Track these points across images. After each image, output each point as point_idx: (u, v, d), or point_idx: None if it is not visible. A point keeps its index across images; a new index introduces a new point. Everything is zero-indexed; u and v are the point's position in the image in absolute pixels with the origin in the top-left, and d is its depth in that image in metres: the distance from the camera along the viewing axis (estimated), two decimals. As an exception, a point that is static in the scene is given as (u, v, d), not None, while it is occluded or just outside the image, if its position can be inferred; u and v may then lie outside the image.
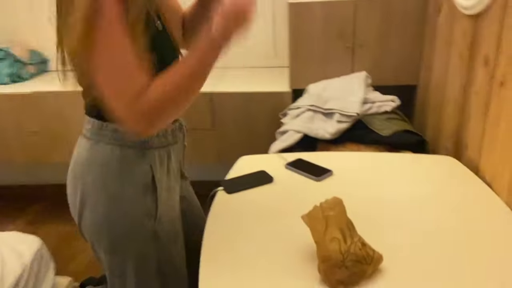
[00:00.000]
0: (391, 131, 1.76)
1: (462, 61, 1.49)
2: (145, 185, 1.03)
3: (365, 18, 2.00)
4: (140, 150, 1.02)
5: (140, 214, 1.03)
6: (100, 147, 1.00)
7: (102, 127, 1.00)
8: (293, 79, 2.13)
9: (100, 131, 1.00)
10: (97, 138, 1.00)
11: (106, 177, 1.00)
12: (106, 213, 1.01)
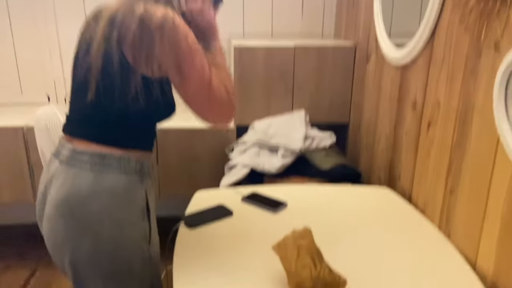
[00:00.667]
0: (330, 165, 1.93)
1: (392, 104, 1.71)
2: (142, 210, 1.09)
3: (303, 63, 2.19)
4: (139, 177, 1.09)
5: (140, 238, 1.07)
6: (106, 177, 1.04)
7: (105, 157, 1.04)
8: (238, 116, 2.23)
9: (104, 161, 1.04)
10: (101, 169, 1.04)
11: (113, 204, 1.03)
12: (112, 239, 1.03)
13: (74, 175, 1.03)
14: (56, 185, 1.05)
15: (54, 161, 1.11)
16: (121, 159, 1.06)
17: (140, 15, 0.97)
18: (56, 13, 2.41)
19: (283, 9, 2.56)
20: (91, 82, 1.01)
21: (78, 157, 1.04)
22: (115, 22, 0.99)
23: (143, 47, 0.97)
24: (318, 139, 2.07)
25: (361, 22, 2.09)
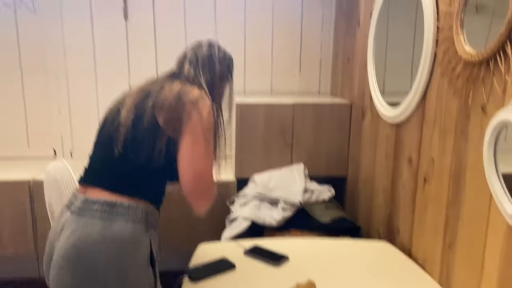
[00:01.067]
0: (330, 219, 1.97)
1: (388, 160, 1.79)
2: (147, 257, 1.13)
3: (301, 119, 2.29)
4: (144, 226, 1.15)
5: (145, 285, 1.12)
6: (116, 225, 1.11)
7: (114, 205, 1.12)
8: (238, 169, 2.29)
9: (113, 209, 1.12)
10: (110, 217, 1.11)
11: (121, 252, 1.09)
12: (117, 286, 1.07)
13: (84, 224, 1.09)
14: (66, 234, 1.10)
15: (66, 212, 1.17)
16: (129, 208, 1.13)
17: (179, 89, 1.20)
18: (68, 70, 2.54)
19: (282, 68, 2.71)
20: (120, 136, 1.15)
21: (89, 207, 1.11)
22: (150, 92, 1.19)
23: (175, 114, 1.15)
24: (317, 192, 2.12)
25: (356, 81, 2.22)
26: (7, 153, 2.58)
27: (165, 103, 1.16)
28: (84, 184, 1.20)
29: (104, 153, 1.20)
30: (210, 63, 1.38)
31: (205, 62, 1.37)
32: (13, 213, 2.16)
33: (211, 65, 1.38)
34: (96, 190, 1.15)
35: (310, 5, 2.64)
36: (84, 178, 1.22)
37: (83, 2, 2.47)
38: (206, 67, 1.36)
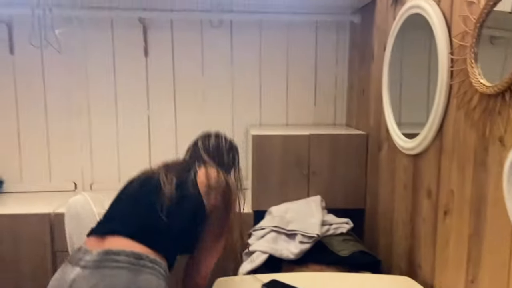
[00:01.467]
0: (349, 252, 1.93)
1: (407, 192, 1.77)
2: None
3: (317, 150, 2.30)
4: (165, 283, 1.20)
5: None
6: (142, 278, 1.14)
7: (141, 258, 1.17)
8: (255, 201, 2.29)
9: (140, 262, 1.16)
10: (138, 269, 1.15)
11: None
12: None
13: (108, 276, 1.09)
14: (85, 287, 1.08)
15: (72, 269, 1.15)
16: (155, 262, 1.17)
17: (218, 173, 1.42)
18: (90, 106, 2.62)
19: (297, 101, 2.74)
20: (164, 205, 1.27)
21: (111, 258, 1.12)
22: (190, 169, 1.41)
23: (217, 197, 1.39)
24: (335, 225, 2.10)
25: (372, 112, 2.23)
26: (29, 187, 2.65)
27: (209, 182, 1.38)
28: (100, 234, 1.22)
29: (137, 207, 1.30)
30: (218, 153, 1.57)
31: (214, 151, 1.56)
32: (33, 246, 2.19)
33: (219, 154, 1.56)
34: (119, 239, 1.18)
35: (324, 41, 2.70)
36: (101, 229, 1.25)
37: (106, 42, 2.58)
38: (215, 156, 1.54)
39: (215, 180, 1.38)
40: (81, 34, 2.55)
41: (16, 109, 2.59)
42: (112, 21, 2.56)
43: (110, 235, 1.20)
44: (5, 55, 2.53)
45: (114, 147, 2.67)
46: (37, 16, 2.39)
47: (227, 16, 2.55)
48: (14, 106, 2.59)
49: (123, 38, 2.58)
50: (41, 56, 2.55)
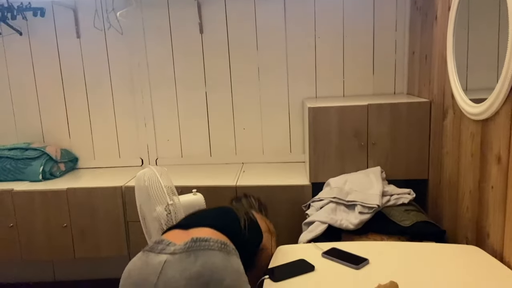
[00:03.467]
0: (411, 222, 1.89)
1: (474, 159, 1.68)
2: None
3: (376, 120, 2.24)
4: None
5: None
6: (232, 258, 1.30)
7: (227, 244, 1.33)
8: (313, 173, 2.29)
9: (227, 247, 1.31)
10: (228, 251, 1.29)
11: (239, 283, 1.26)
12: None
13: (204, 254, 1.21)
14: (178, 269, 1.18)
15: (157, 256, 1.24)
16: (236, 251, 1.31)
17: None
18: (151, 85, 2.74)
19: (354, 70, 2.67)
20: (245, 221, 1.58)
21: (202, 244, 1.25)
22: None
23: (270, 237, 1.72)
24: (396, 195, 2.06)
25: (435, 79, 2.12)
26: (101, 163, 2.85)
27: (268, 227, 1.75)
28: (184, 228, 1.38)
29: (223, 215, 1.56)
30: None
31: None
32: (108, 216, 2.37)
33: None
34: (204, 229, 1.34)
35: (381, 4, 2.59)
36: (184, 223, 1.41)
37: (163, 22, 2.66)
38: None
39: (271, 227, 1.74)
40: (140, 15, 2.64)
41: (86, 91, 2.77)
42: (168, 0, 2.63)
43: (194, 227, 1.35)
44: (72, 39, 2.70)
45: (175, 124, 2.78)
46: (99, 0, 2.52)
47: (280, -13, 2.52)
48: (83, 88, 2.77)
49: (179, 16, 2.65)
50: (104, 38, 2.69)
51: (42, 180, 2.51)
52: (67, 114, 2.80)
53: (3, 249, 2.41)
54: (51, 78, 2.76)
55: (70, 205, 2.36)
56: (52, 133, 2.82)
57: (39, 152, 2.56)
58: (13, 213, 2.36)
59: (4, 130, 2.82)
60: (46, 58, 2.73)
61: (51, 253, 2.41)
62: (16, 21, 2.53)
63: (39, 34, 2.70)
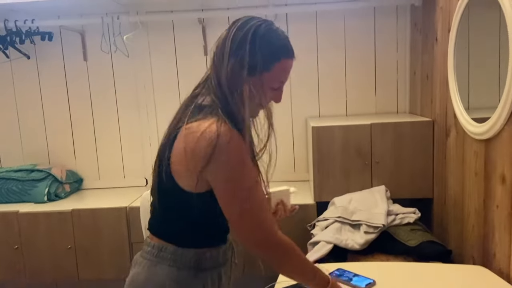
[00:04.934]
0: (417, 242, 1.88)
1: (478, 179, 1.69)
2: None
3: (380, 139, 2.25)
4: (194, 272, 1.09)
5: None
6: (159, 269, 1.07)
7: (161, 249, 1.09)
8: (317, 192, 2.30)
9: (160, 253, 1.09)
10: (156, 260, 1.09)
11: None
12: None
13: (136, 262, 1.12)
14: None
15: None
16: (175, 253, 1.07)
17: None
18: (156, 105, 2.77)
19: (357, 90, 2.70)
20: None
21: (145, 247, 1.12)
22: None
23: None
24: (402, 215, 2.05)
25: (437, 98, 2.14)
26: (106, 184, 2.86)
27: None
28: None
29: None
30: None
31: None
32: (112, 237, 2.37)
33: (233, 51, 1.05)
34: (152, 235, 1.16)
35: (383, 26, 2.63)
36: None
37: (168, 45, 2.71)
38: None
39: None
40: (146, 38, 2.70)
41: (92, 112, 2.81)
42: (173, 24, 2.69)
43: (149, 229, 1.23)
44: (79, 62, 2.75)
45: (179, 144, 2.80)
46: (106, 24, 2.57)
47: (282, 10, 2.57)
48: (89, 110, 2.80)
49: (184, 39, 2.70)
50: (111, 60, 2.74)
51: (47, 201, 2.53)
52: (73, 135, 2.83)
53: (8, 271, 2.41)
54: (58, 100, 2.80)
55: (75, 226, 2.37)
56: (58, 154, 2.85)
57: (45, 173, 2.58)
58: (18, 235, 2.37)
59: (11, 152, 2.84)
60: (53, 81, 2.78)
61: (55, 275, 2.41)
62: (24, 45, 2.59)
63: (46, 57, 2.75)
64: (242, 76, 1.03)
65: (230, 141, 0.99)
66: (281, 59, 1.06)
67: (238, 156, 1.01)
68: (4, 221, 2.37)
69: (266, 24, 1.05)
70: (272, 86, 1.09)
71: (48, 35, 2.62)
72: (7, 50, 2.61)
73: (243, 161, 1.02)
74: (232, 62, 1.03)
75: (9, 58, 2.65)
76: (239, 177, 1.02)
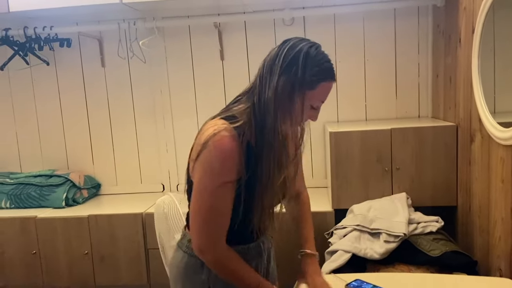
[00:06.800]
0: (440, 252, 1.80)
1: (505, 186, 1.60)
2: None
3: (401, 144, 2.18)
4: (200, 260, 1.18)
5: None
6: (178, 253, 1.25)
7: (183, 237, 1.26)
8: (335, 199, 2.24)
9: (182, 240, 1.26)
10: (178, 246, 1.27)
11: (176, 278, 1.24)
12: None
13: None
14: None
15: None
16: (190, 241, 1.20)
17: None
18: (172, 110, 2.77)
19: (376, 94, 2.63)
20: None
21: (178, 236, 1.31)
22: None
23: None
24: (424, 223, 1.97)
25: (461, 102, 2.06)
26: (123, 190, 2.87)
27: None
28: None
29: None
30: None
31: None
32: (128, 243, 2.36)
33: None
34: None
35: (403, 28, 2.56)
36: None
37: (184, 50, 2.70)
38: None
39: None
40: (162, 44, 2.70)
41: (109, 118, 2.82)
42: (190, 28, 2.68)
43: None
44: (97, 68, 2.77)
45: (196, 149, 2.78)
46: (123, 30, 2.59)
47: (299, 13, 2.53)
48: (107, 116, 2.82)
49: (200, 44, 2.69)
50: (128, 66, 2.75)
51: (65, 206, 2.54)
52: (91, 140, 2.85)
53: (26, 276, 2.43)
54: (76, 106, 2.82)
55: (91, 232, 2.37)
56: (76, 159, 2.87)
57: (63, 179, 2.60)
58: (36, 240, 2.39)
59: (30, 157, 2.88)
60: (71, 87, 2.80)
61: (72, 280, 2.41)
62: (43, 52, 2.62)
63: (65, 63, 2.78)
64: (289, 91, 1.09)
65: (217, 147, 1.07)
66: (326, 80, 1.13)
67: (212, 165, 1.08)
68: (23, 226, 2.39)
69: (316, 46, 1.14)
70: (312, 105, 1.15)
71: (67, 41, 2.65)
72: (27, 57, 2.65)
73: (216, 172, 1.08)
74: (282, 78, 1.09)
75: (29, 64, 2.69)
76: (206, 182, 1.09)
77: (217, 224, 1.11)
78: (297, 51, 1.10)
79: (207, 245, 1.12)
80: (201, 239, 1.11)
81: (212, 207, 1.10)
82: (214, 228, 1.11)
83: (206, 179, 1.09)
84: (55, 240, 2.38)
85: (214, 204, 1.09)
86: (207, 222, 1.10)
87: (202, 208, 1.10)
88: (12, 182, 2.60)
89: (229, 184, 1.09)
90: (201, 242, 1.12)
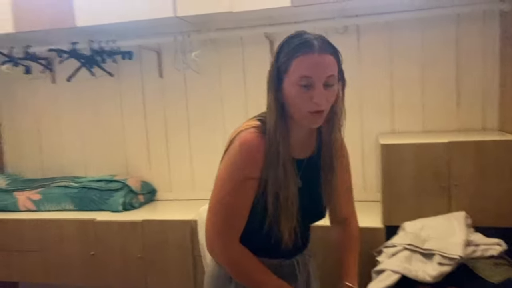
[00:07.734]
0: (502, 278, 1.65)
1: None
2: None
3: (460, 159, 2.02)
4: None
5: None
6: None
7: None
8: (386, 215, 2.13)
9: None
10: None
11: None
12: None
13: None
14: None
15: None
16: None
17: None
18: (225, 119, 2.82)
19: (436, 103, 2.48)
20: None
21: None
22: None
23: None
24: (484, 246, 1.81)
25: (530, 114, 1.87)
26: (177, 196, 2.96)
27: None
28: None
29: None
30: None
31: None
32: (177, 250, 2.43)
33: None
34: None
35: (466, 35, 2.39)
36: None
37: (236, 60, 2.74)
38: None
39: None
40: (215, 54, 2.76)
41: (165, 127, 2.93)
42: (242, 39, 2.71)
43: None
44: (155, 79, 2.90)
45: (246, 158, 2.80)
46: (179, 43, 2.68)
47: (352, 21, 2.46)
48: (163, 125, 2.94)
49: (252, 54, 2.71)
50: (183, 77, 2.85)
51: (122, 210, 2.67)
52: (149, 147, 2.98)
53: (84, 276, 2.58)
54: (136, 115, 2.97)
55: (145, 236, 2.47)
56: (135, 165, 3.01)
57: (122, 184, 2.74)
58: (94, 242, 2.53)
59: (94, 162, 3.08)
60: (132, 97, 2.95)
61: (125, 283, 2.52)
62: (107, 64, 2.79)
63: (126, 75, 2.94)
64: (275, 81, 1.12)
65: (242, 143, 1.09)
66: (298, 55, 1.07)
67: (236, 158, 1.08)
68: (83, 228, 2.55)
69: (298, 32, 1.11)
70: (299, 83, 1.08)
71: (129, 54, 2.80)
72: (93, 69, 2.84)
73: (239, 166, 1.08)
74: (269, 71, 1.15)
75: (94, 75, 2.88)
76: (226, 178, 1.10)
77: (231, 223, 1.09)
78: (280, 43, 1.12)
79: (219, 242, 1.11)
80: (214, 236, 1.11)
81: (229, 204, 1.08)
82: (228, 226, 1.09)
83: (228, 173, 1.08)
84: (111, 242, 2.51)
85: (231, 200, 1.07)
86: (222, 218, 1.09)
87: (219, 203, 1.09)
88: (76, 186, 2.78)
89: (251, 181, 1.06)
90: (213, 240, 1.12)
